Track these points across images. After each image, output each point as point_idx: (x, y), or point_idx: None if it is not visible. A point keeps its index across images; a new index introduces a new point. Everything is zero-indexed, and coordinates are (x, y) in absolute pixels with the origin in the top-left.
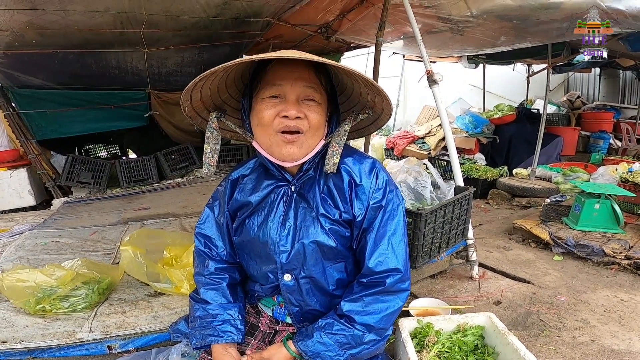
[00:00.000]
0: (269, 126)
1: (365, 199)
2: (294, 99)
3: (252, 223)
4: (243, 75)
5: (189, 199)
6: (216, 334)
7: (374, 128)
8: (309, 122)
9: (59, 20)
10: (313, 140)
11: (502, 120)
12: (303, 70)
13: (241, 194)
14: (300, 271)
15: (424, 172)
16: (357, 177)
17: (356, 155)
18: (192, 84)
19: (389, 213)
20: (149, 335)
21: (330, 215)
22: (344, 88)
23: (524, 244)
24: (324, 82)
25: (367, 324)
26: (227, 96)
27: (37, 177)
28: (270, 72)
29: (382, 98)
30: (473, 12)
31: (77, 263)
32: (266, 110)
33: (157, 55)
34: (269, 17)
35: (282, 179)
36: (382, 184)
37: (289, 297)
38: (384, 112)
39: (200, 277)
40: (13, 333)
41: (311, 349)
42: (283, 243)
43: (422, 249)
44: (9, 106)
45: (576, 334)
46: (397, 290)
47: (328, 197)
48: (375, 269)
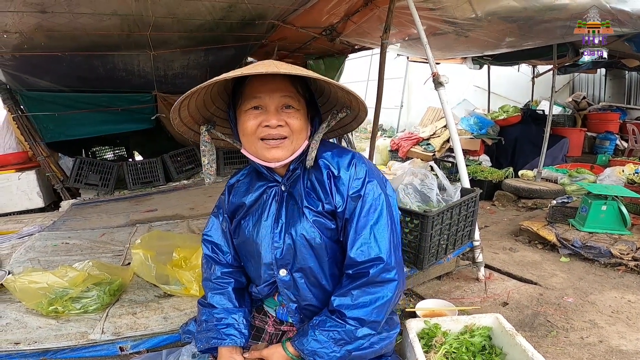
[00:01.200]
0: (253, 135)
1: (345, 189)
2: (274, 109)
3: (247, 223)
4: (226, 87)
5: (195, 201)
6: (219, 336)
7: (355, 125)
8: (290, 128)
9: (67, 23)
10: (297, 142)
11: (507, 121)
12: (279, 82)
13: (236, 197)
14: (293, 265)
15: (430, 174)
16: (335, 169)
17: (336, 150)
18: (178, 103)
19: (369, 202)
20: (159, 336)
21: (313, 207)
22: (322, 90)
23: (531, 245)
24: (300, 89)
25: (358, 317)
26: (214, 108)
27: (45, 179)
28: (249, 86)
29: (354, 97)
30: (478, 14)
31: (87, 264)
32: (249, 121)
33: (163, 57)
34: (274, 19)
35: (272, 180)
36: (362, 174)
37: (286, 292)
38: (360, 109)
39: (207, 282)
40: (26, 334)
41: (307, 347)
42: (277, 239)
43: (428, 251)
44: (18, 109)
45: (584, 334)
46: (382, 281)
47: (311, 190)
48: (357, 259)
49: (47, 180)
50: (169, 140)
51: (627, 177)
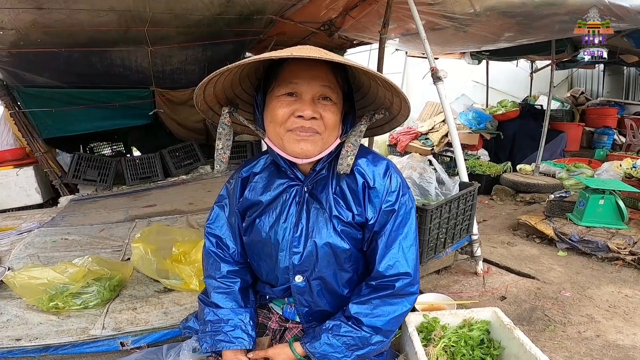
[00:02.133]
0: (283, 124)
1: (378, 202)
2: (310, 98)
3: (262, 223)
4: (257, 70)
5: (194, 196)
6: (227, 339)
7: (387, 128)
8: (324, 122)
9: (63, 19)
10: (328, 139)
11: (506, 116)
12: (320, 69)
13: (252, 193)
14: (312, 272)
15: (429, 168)
16: (370, 179)
17: (370, 157)
18: (207, 80)
19: (401, 217)
20: (160, 332)
21: (343, 217)
22: (360, 86)
23: (528, 239)
24: (340, 81)
25: (375, 326)
26: (239, 90)
27: (43, 175)
28: (287, 70)
29: (400, 99)
30: (476, 9)
31: (87, 260)
32: (281, 108)
33: (161, 53)
34: (272, 14)
35: (294, 177)
36: (396, 186)
37: (299, 297)
38: (400, 113)
39: (211, 280)
40: (27, 330)
41: (319, 351)
42: (296, 244)
43: (427, 245)
44: (15, 105)
45: (581, 329)
46: (405, 294)
47: (341, 198)
48: (385, 273)
49: (45, 176)
50: (167, 136)
51: (625, 172)
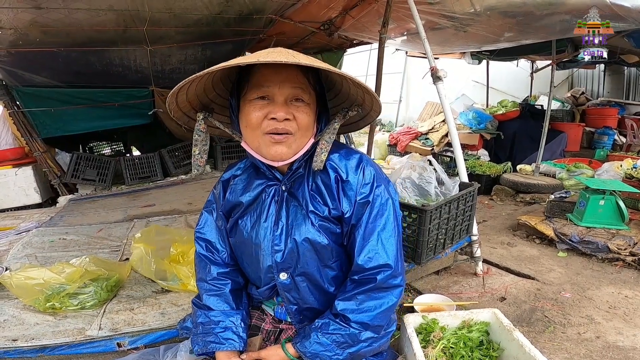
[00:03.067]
0: (257, 128)
1: (353, 194)
2: (282, 100)
3: (245, 224)
4: (230, 74)
5: (193, 196)
6: (218, 341)
7: (362, 124)
8: (297, 123)
9: (62, 19)
10: (302, 140)
11: (506, 116)
12: (291, 71)
13: (232, 195)
14: (295, 269)
15: (429, 168)
16: (343, 173)
17: (343, 151)
18: (177, 88)
19: (377, 208)
20: (157, 332)
21: (320, 212)
22: (332, 85)
23: (528, 240)
24: (312, 81)
25: (362, 322)
26: (214, 95)
27: (42, 175)
28: (258, 74)
29: (370, 96)
30: (477, 9)
31: (85, 260)
32: (254, 112)
33: (160, 52)
34: (272, 14)
35: (272, 178)
36: (370, 178)
37: (286, 295)
38: (372, 109)
39: (202, 283)
40: (23, 331)
41: (309, 350)
42: (277, 242)
43: (426, 245)
44: (14, 104)
45: (581, 330)
46: (389, 287)
47: (317, 194)
48: (365, 266)
49: (44, 176)
50: (166, 135)
51: (625, 172)
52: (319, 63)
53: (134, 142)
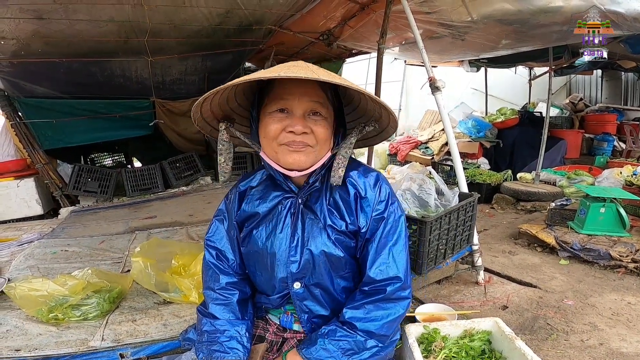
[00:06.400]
0: (275, 139)
1: (369, 210)
2: (301, 113)
3: (260, 234)
4: (251, 85)
5: (194, 208)
6: (222, 349)
7: (379, 140)
8: (315, 136)
9: (64, 30)
10: (320, 153)
11: (505, 124)
12: (310, 86)
13: (249, 205)
14: (310, 279)
15: (428, 180)
16: (362, 190)
17: (361, 169)
18: (202, 98)
19: (390, 224)
20: (159, 343)
21: (337, 226)
22: (350, 100)
23: (530, 248)
24: (330, 96)
25: (368, 330)
26: (235, 105)
27: (44, 187)
28: (278, 87)
29: (387, 112)
30: (473, 17)
31: (87, 272)
32: (273, 124)
33: (161, 63)
34: (271, 24)
35: (289, 190)
36: (385, 196)
37: (299, 304)
38: (389, 125)
39: (209, 292)
40: (27, 341)
41: (315, 356)
42: (293, 254)
43: (427, 256)
44: (16, 116)
45: (584, 337)
46: (397, 298)
47: (334, 208)
48: (376, 278)
49: (45, 187)
50: (168, 147)
51: (626, 179)
52: (339, 79)
53: (135, 153)
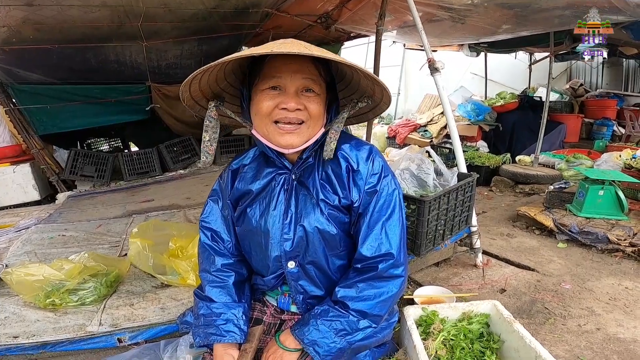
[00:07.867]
0: (268, 116)
1: (362, 184)
2: (293, 91)
3: (253, 212)
4: (242, 64)
5: (192, 191)
6: (219, 333)
7: (372, 115)
8: (309, 112)
9: (55, 16)
10: (313, 129)
11: (505, 108)
12: (302, 62)
13: (242, 183)
14: (304, 257)
15: (427, 160)
16: (354, 163)
17: (353, 142)
18: (191, 77)
19: (383, 198)
20: (157, 327)
21: (330, 200)
22: (343, 76)
23: (528, 231)
24: (322, 72)
25: (361, 310)
26: (225, 84)
27: (40, 172)
28: (270, 64)
29: (380, 88)
30: (474, 1)
31: (84, 256)
32: (265, 101)
33: (156, 48)
34: (268, 7)
35: (282, 166)
36: (378, 169)
37: (293, 284)
38: (382, 100)
39: (205, 274)
40: (24, 327)
41: (307, 337)
42: (286, 231)
43: (425, 237)
44: (10, 102)
45: (581, 322)
46: (390, 276)
47: (327, 183)
48: (367, 254)
49: (42, 173)
50: (164, 131)
51: (625, 162)
52: (331, 55)
53: (131, 137)
